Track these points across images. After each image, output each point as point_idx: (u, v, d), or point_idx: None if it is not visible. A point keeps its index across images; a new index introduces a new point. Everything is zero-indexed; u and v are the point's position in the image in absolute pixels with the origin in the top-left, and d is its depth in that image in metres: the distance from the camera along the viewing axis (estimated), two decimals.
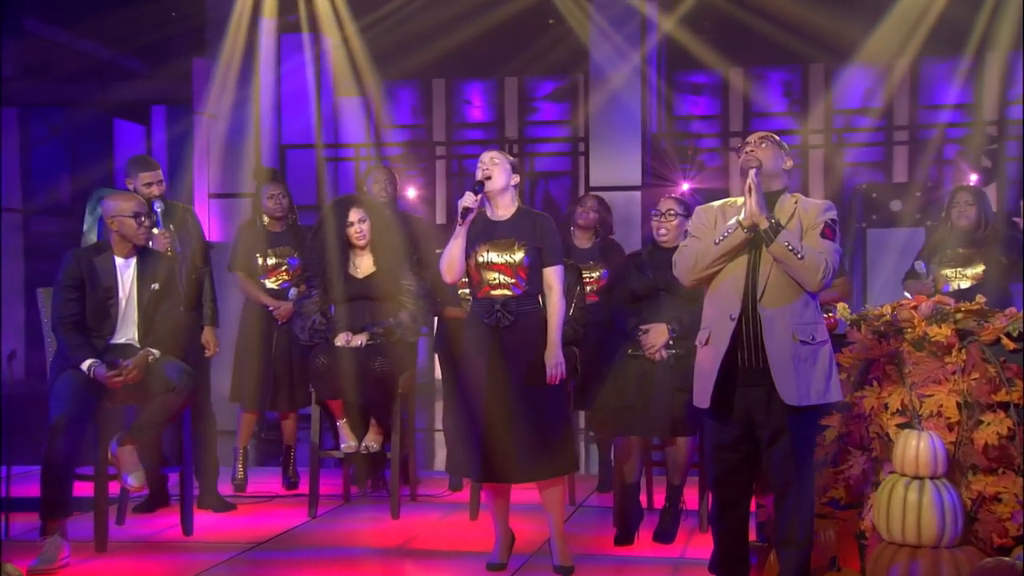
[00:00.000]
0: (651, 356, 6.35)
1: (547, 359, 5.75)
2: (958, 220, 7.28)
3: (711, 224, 5.17)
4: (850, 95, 10.20)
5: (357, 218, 6.91)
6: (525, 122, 10.66)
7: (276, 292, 7.76)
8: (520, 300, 5.79)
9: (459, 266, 5.79)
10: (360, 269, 6.96)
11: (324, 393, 6.79)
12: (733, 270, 5.02)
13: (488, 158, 5.85)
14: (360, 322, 6.84)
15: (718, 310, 5.04)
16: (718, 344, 4.99)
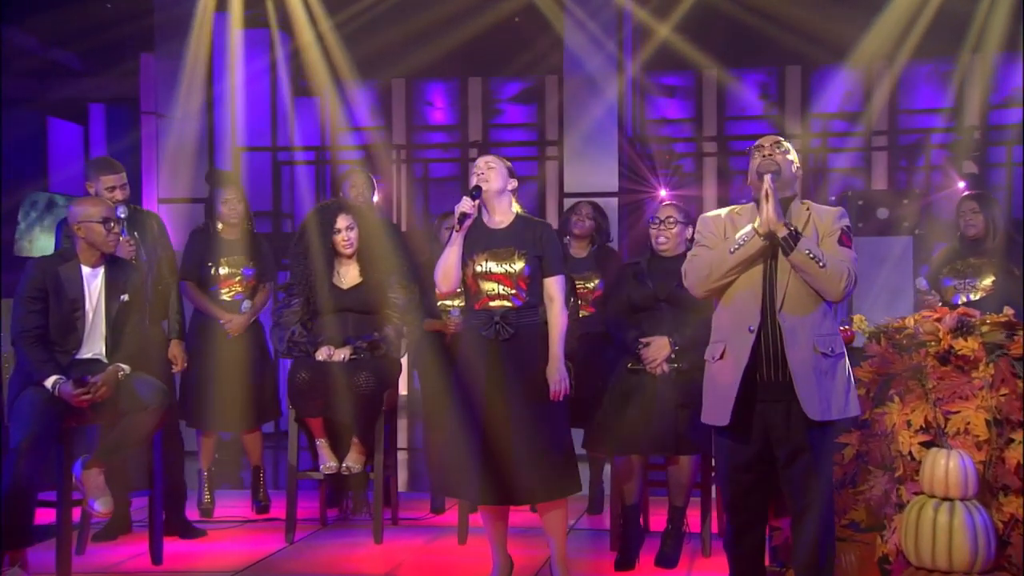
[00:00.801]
0: (652, 370, 6.27)
1: (549, 373, 5.66)
2: (966, 230, 7.26)
3: (720, 232, 5.10)
4: (828, 98, 10.20)
5: (345, 225, 6.76)
6: (489, 125, 10.52)
7: (228, 304, 7.56)
8: (520, 312, 5.70)
9: (455, 276, 5.70)
10: (345, 279, 6.82)
11: (304, 410, 6.61)
12: (749, 280, 4.94)
13: (483, 163, 5.78)
14: (343, 335, 6.70)
15: (734, 322, 4.96)
16: (737, 358, 4.90)
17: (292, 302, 6.77)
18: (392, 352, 6.73)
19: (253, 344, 7.56)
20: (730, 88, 10.20)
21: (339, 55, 9.84)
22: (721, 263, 4.93)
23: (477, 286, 5.75)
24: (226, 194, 7.61)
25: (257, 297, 7.62)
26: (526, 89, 10.55)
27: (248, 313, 7.51)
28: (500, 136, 10.52)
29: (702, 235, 5.14)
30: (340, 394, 6.52)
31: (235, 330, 7.46)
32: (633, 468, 6.36)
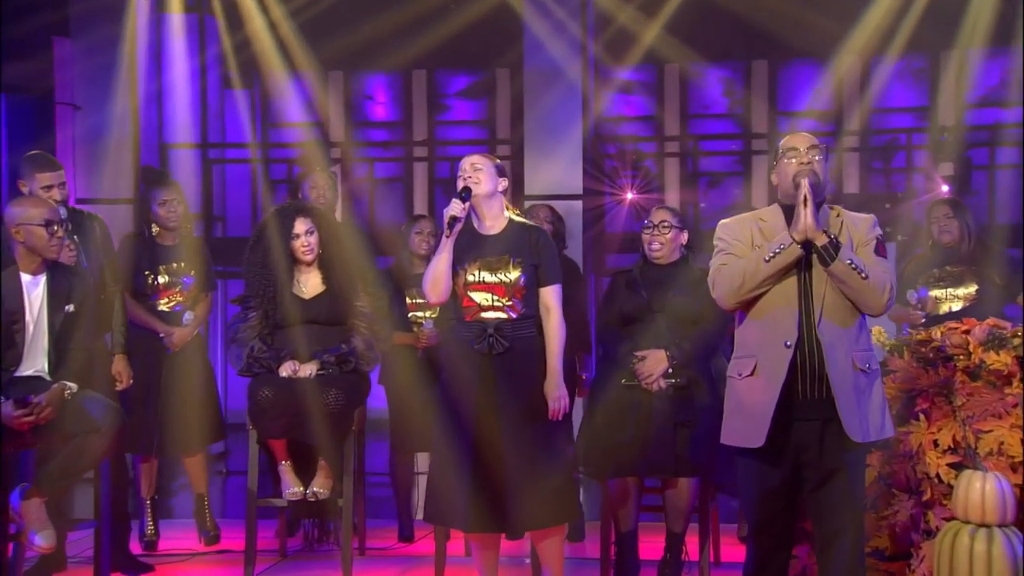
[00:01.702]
0: (648, 386, 6.20)
1: (548, 391, 5.59)
2: (940, 236, 7.25)
3: (748, 239, 5.01)
4: (795, 95, 10.18)
5: (304, 229, 6.57)
6: (436, 122, 10.34)
7: (168, 316, 7.31)
8: (516, 324, 5.62)
9: (446, 285, 5.61)
10: (307, 288, 6.62)
11: (268, 431, 6.41)
12: (783, 291, 4.85)
13: (469, 164, 5.69)
14: (308, 349, 6.49)
15: (768, 336, 4.86)
16: (772, 374, 4.80)
17: (249, 316, 6.56)
18: (362, 366, 6.56)
19: (195, 359, 7.34)
20: (693, 83, 10.11)
21: (271, 44, 9.60)
22: (755, 272, 4.82)
23: (468, 297, 5.65)
24: (164, 195, 7.37)
25: (199, 307, 7.41)
26: (476, 83, 10.37)
27: (191, 325, 7.29)
28: (447, 134, 10.32)
29: (727, 242, 5.04)
30: (307, 413, 6.32)
31: (177, 344, 7.23)
32: (629, 492, 6.27)
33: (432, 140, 10.31)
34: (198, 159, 9.76)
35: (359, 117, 10.46)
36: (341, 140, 10.28)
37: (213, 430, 7.40)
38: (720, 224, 5.16)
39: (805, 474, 4.88)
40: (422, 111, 10.40)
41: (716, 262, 5.05)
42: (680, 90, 10.18)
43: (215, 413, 7.41)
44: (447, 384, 5.72)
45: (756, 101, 10.10)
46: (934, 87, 9.93)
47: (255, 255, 6.58)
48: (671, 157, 10.07)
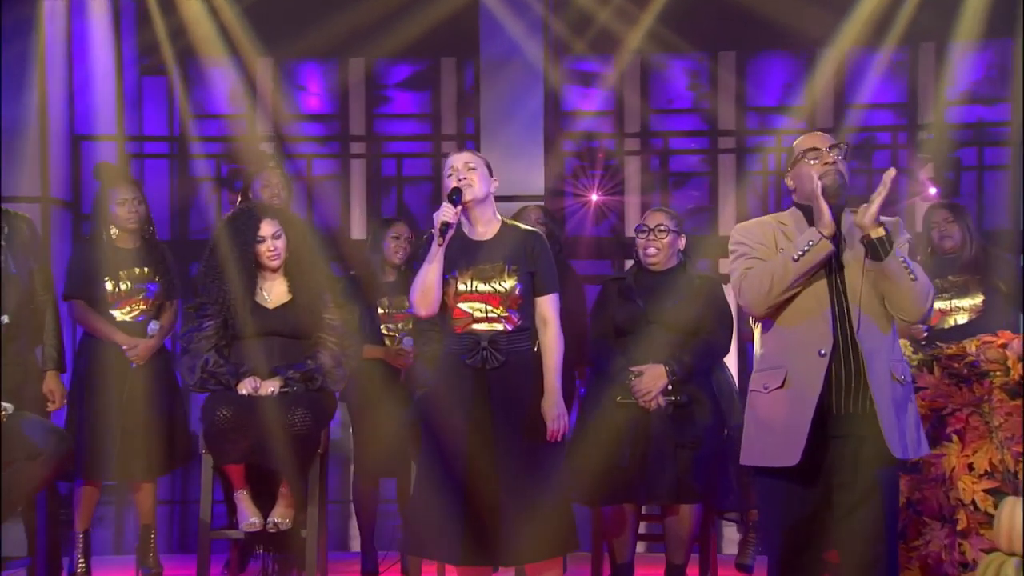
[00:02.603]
0: (645, 404, 6.18)
1: (545, 410, 5.49)
2: (941, 242, 7.23)
3: (771, 242, 4.99)
4: (766, 90, 10.19)
5: (270, 232, 6.42)
6: (374, 114, 10.21)
7: (129, 326, 7.11)
8: (511, 336, 5.52)
9: (436, 296, 5.50)
10: (271, 297, 6.46)
11: (225, 455, 6.21)
12: (814, 296, 4.82)
13: (462, 163, 5.58)
14: (270, 364, 6.34)
15: (799, 345, 4.82)
16: (805, 386, 4.75)
17: (204, 325, 6.37)
18: (329, 383, 6.41)
19: (160, 374, 7.14)
20: (656, 75, 10.08)
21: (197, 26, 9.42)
22: (783, 273, 4.78)
23: (459, 307, 5.55)
24: (121, 193, 7.18)
25: (164, 317, 7.22)
26: (419, 73, 10.25)
27: (156, 336, 7.11)
28: (387, 128, 10.20)
29: (749, 246, 5.00)
30: (269, 435, 6.13)
31: (141, 357, 7.04)
32: (625, 520, 6.23)
33: (370, 135, 10.18)
34: (113, 153, 9.52)
35: (290, 109, 10.28)
36: (270, 134, 10.09)
37: (183, 451, 7.21)
38: (737, 228, 5.12)
39: (836, 498, 4.83)
40: (359, 103, 10.26)
41: (739, 267, 5.00)
42: (641, 82, 10.14)
43: (184, 433, 7.22)
44: (434, 402, 5.60)
45: (723, 95, 10.09)
46: (913, 82, 9.98)
47: (214, 258, 6.40)
48: (631, 156, 10.03)
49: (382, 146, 10.22)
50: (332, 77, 10.32)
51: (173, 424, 7.16)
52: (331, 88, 10.33)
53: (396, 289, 7.37)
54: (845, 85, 10.10)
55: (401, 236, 7.43)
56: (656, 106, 10.18)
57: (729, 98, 10.11)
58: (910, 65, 10.03)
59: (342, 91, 10.25)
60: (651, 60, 9.98)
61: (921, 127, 9.63)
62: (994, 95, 9.92)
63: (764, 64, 10.29)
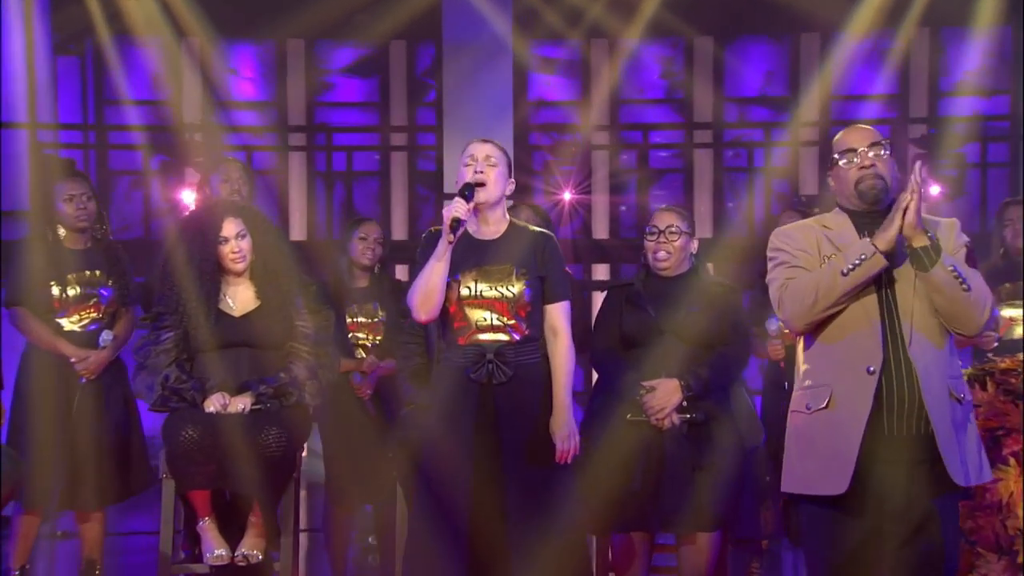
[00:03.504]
0: (658, 423, 6.10)
1: (555, 428, 5.45)
2: (1014, 241, 7.27)
3: (815, 249, 4.94)
4: (745, 79, 10.26)
5: (234, 232, 6.30)
6: (315, 103, 10.16)
7: (79, 336, 6.97)
8: (519, 347, 5.48)
9: (438, 299, 5.43)
10: (237, 303, 6.34)
11: (190, 481, 6.07)
12: (863, 308, 4.78)
13: (482, 154, 5.51)
14: (239, 378, 6.24)
15: (846, 361, 4.78)
16: (853, 407, 4.71)
17: (162, 337, 6.23)
18: (305, 398, 6.31)
19: (113, 389, 6.99)
20: (626, 63, 10.12)
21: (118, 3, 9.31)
22: (831, 288, 4.74)
23: (463, 314, 5.48)
24: (70, 189, 7.02)
25: (119, 326, 7.05)
26: (365, 57, 10.22)
27: (109, 347, 6.94)
28: (329, 117, 10.16)
29: (790, 253, 4.95)
30: (240, 457, 6.02)
31: (91, 371, 6.88)
32: (636, 550, 6.16)
33: (311, 125, 10.13)
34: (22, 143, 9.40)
35: (221, 95, 10.20)
36: (197, 122, 10.02)
37: (138, 477, 7.08)
38: (776, 233, 5.07)
39: (888, 529, 4.82)
40: (299, 90, 10.21)
41: (780, 276, 4.96)
42: (610, 70, 10.17)
43: (140, 455, 7.07)
44: (430, 421, 5.55)
45: (699, 84, 10.14)
46: (904, 71, 10.08)
47: (172, 262, 6.28)
48: (599, 150, 10.06)
49: (322, 138, 10.18)
50: (267, 60, 10.25)
51: (128, 446, 7.01)
52: (267, 72, 10.26)
53: (366, 295, 7.30)
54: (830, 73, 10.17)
55: (370, 237, 7.36)
56: (627, 95, 10.21)
57: (705, 88, 10.17)
58: (902, 52, 10.11)
59: (278, 76, 10.18)
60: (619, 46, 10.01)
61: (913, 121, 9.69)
62: (993, 86, 10.05)
63: (744, 51, 10.36)
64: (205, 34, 9.80)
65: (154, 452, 6.90)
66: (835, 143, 4.96)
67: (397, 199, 10.35)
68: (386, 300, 7.32)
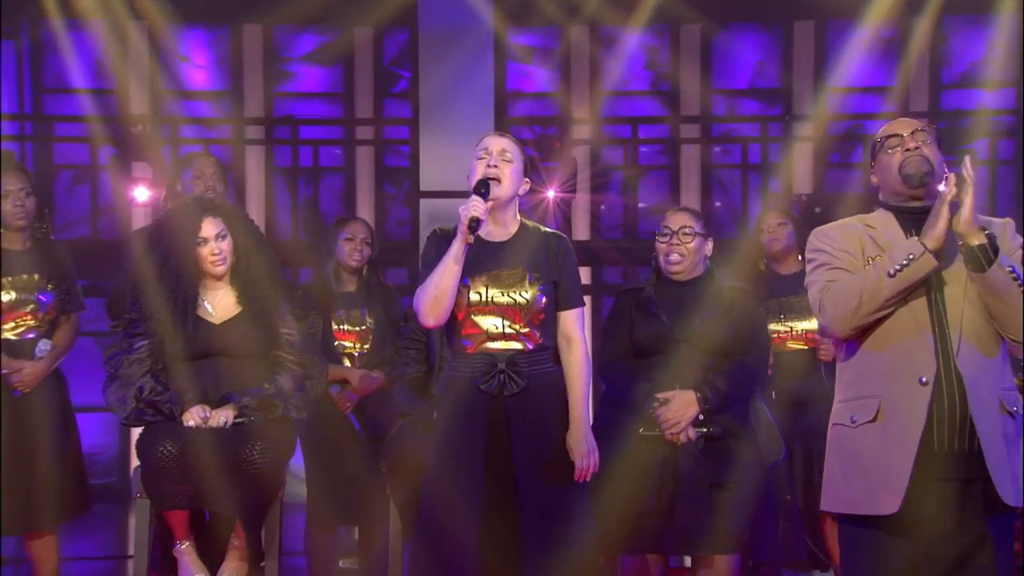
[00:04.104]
0: (673, 438, 6.11)
1: (573, 445, 5.44)
2: None
3: (857, 250, 4.94)
4: (735, 70, 10.29)
5: (214, 232, 6.26)
6: (274, 94, 10.11)
7: (14, 345, 6.87)
8: (532, 357, 5.47)
9: (449, 303, 5.40)
10: (217, 309, 6.32)
11: (168, 500, 6.03)
12: (912, 313, 4.78)
13: (498, 148, 5.51)
14: (220, 389, 6.22)
15: (895, 371, 4.77)
16: (904, 420, 4.70)
17: (135, 345, 6.20)
18: (291, 411, 6.29)
19: (51, 404, 6.89)
20: (608, 51, 10.12)
21: None
22: (876, 290, 4.74)
23: (472, 322, 5.46)
24: (6, 183, 6.94)
25: (59, 334, 6.97)
26: (328, 45, 10.19)
27: (47, 358, 6.86)
28: (289, 109, 10.12)
29: (830, 254, 4.95)
30: (222, 475, 5.99)
31: (27, 384, 6.80)
32: (650, 573, 6.19)
33: (269, 118, 10.08)
34: None
35: (170, 84, 10.14)
36: (144, 113, 9.95)
37: (75, 499, 6.99)
38: (816, 232, 5.07)
39: (937, 552, 4.81)
40: (256, 79, 10.15)
41: (820, 278, 4.95)
42: (590, 60, 10.17)
43: (79, 476, 6.99)
44: (440, 436, 5.52)
45: (686, 75, 10.16)
46: (904, 62, 10.13)
47: (147, 265, 6.26)
48: (580, 145, 10.07)
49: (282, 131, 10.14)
50: (222, 47, 10.19)
51: (66, 465, 6.92)
52: (221, 60, 10.20)
53: (354, 301, 7.29)
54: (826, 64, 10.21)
55: (357, 237, 7.34)
56: (609, 87, 10.21)
57: (692, 78, 10.19)
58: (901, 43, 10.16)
59: (235, 64, 10.12)
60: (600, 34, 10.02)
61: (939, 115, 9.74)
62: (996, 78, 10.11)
63: (734, 39, 10.39)
64: (155, 18, 9.69)
65: (94, 472, 6.84)
66: (878, 136, 4.98)
67: (363, 197, 10.30)
68: (374, 306, 7.30)
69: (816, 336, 7.43)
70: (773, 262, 7.72)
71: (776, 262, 7.71)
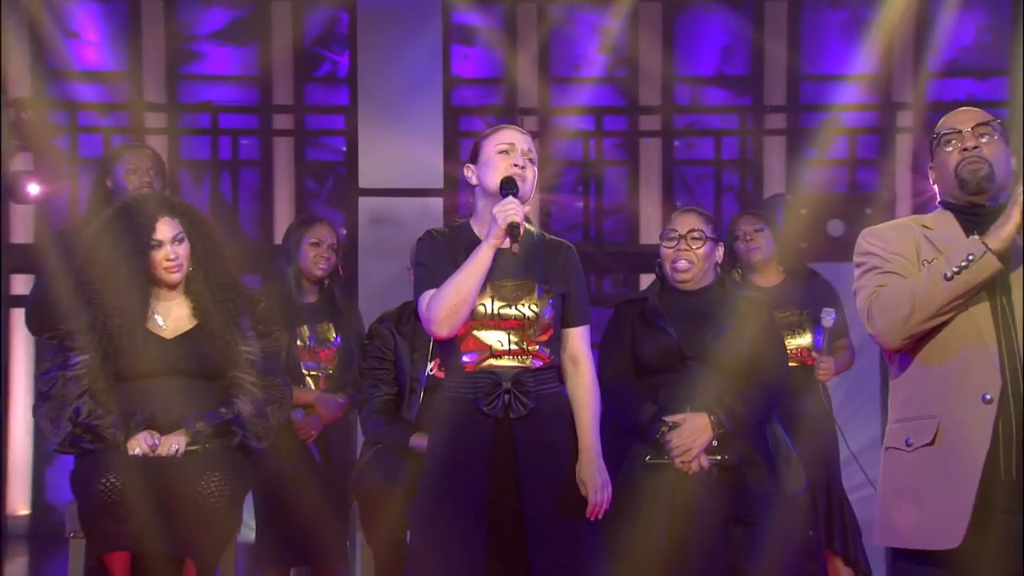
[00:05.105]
0: (684, 467, 6.13)
1: (586, 478, 5.43)
2: None
3: (912, 253, 4.95)
4: (700, 55, 10.35)
5: (170, 235, 6.23)
6: (177, 75, 10.04)
7: None
8: (539, 376, 5.44)
9: (466, 313, 5.34)
10: (169, 322, 6.29)
11: (109, 541, 5.96)
12: (973, 323, 4.77)
13: (526, 145, 5.47)
14: (171, 413, 6.17)
15: (954, 388, 4.78)
16: (966, 443, 4.70)
17: (72, 360, 6.13)
18: (251, 439, 6.25)
19: None
20: (557, 34, 10.17)
21: None
22: (931, 295, 4.73)
23: (474, 337, 5.42)
24: None
25: None
26: (240, 21, 10.14)
27: None
28: (196, 94, 10.06)
29: (881, 256, 4.96)
30: (174, 511, 5.96)
31: None
32: None
33: (174, 104, 10.02)
34: None
35: (55, 64, 10.04)
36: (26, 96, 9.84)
37: None
38: (866, 233, 5.07)
39: None
40: (157, 59, 10.08)
41: (869, 284, 4.94)
42: (539, 41, 10.20)
43: None
44: (435, 465, 5.48)
45: (645, 60, 10.21)
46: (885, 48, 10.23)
47: (89, 270, 6.20)
48: None
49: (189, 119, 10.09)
50: (118, 22, 10.10)
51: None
52: (116, 37, 10.11)
53: (318, 314, 7.29)
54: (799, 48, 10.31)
55: (323, 242, 7.31)
56: (558, 73, 10.25)
57: (652, 63, 10.24)
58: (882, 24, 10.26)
59: (132, 42, 10.04)
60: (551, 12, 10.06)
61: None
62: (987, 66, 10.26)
63: (696, 20, 10.46)
64: None
65: None
66: (937, 128, 4.99)
67: (281, 195, 10.25)
68: (341, 320, 7.27)
69: (813, 353, 7.47)
70: (750, 272, 7.70)
71: (754, 273, 7.69)
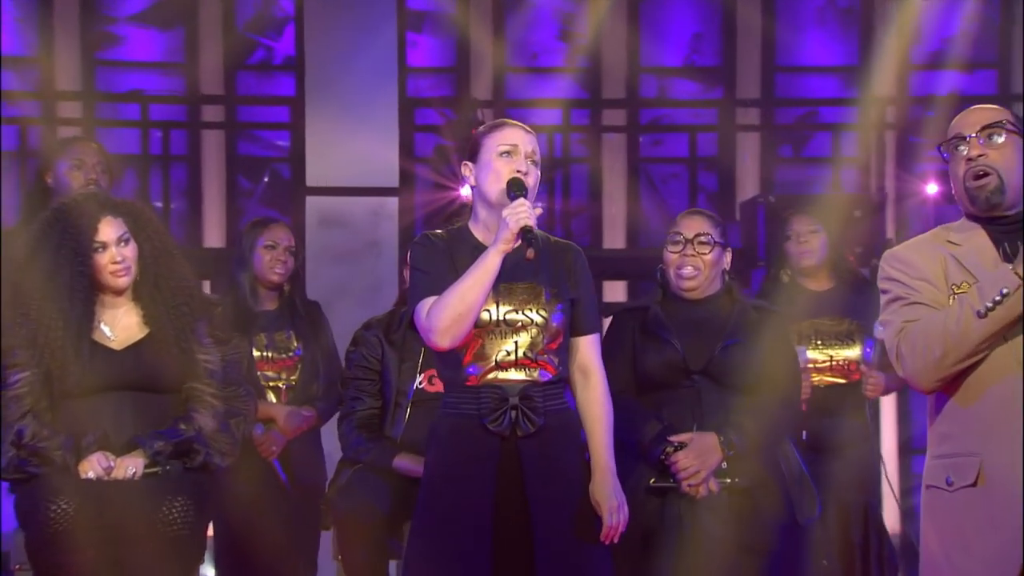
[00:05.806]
0: (691, 491, 6.13)
1: (601, 499, 5.42)
2: None
3: (939, 275, 4.87)
4: (667, 44, 10.36)
5: (115, 236, 6.19)
6: (96, 61, 9.96)
7: None
8: (548, 390, 5.45)
9: (471, 321, 5.31)
10: (117, 332, 6.25)
11: (58, 574, 5.97)
12: (1011, 352, 4.76)
13: (530, 148, 5.45)
14: (124, 432, 6.13)
15: (996, 423, 4.76)
16: (1012, 484, 4.67)
17: (12, 379, 6.09)
18: (214, 457, 6.22)
19: None
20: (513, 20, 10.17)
21: None
22: (963, 334, 4.66)
23: (478, 347, 5.41)
24: None
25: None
26: (162, 1, 10.09)
27: None
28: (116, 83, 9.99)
29: (906, 285, 4.89)
30: (131, 539, 5.92)
31: None
32: None
33: (91, 92, 9.94)
34: None
35: None
36: None
37: None
38: (888, 256, 4.98)
39: None
40: (72, 44, 9.99)
41: (896, 319, 4.86)
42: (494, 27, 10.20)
43: None
44: (434, 488, 5.49)
45: (609, 49, 10.23)
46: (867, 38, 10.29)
47: (24, 279, 6.16)
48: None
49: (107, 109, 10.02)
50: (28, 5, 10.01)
51: None
52: (27, 18, 10.02)
53: (277, 322, 7.29)
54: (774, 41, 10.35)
55: (279, 245, 7.30)
56: (516, 62, 10.24)
57: (617, 52, 10.25)
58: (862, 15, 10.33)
59: (43, 24, 9.95)
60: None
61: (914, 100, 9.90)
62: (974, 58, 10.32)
63: (666, 7, 10.48)
64: None
65: None
66: (950, 128, 4.95)
67: (211, 193, 10.20)
68: (302, 328, 7.23)
69: (862, 367, 7.50)
70: (800, 276, 7.71)
71: (804, 276, 7.69)
